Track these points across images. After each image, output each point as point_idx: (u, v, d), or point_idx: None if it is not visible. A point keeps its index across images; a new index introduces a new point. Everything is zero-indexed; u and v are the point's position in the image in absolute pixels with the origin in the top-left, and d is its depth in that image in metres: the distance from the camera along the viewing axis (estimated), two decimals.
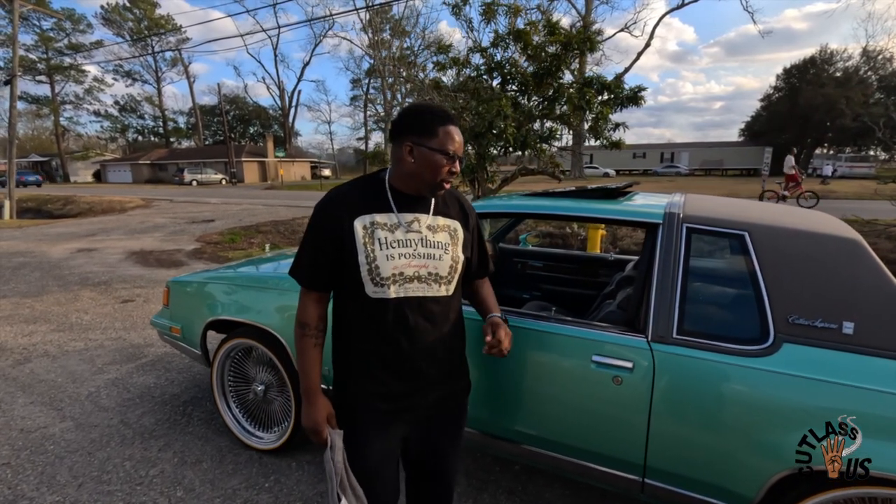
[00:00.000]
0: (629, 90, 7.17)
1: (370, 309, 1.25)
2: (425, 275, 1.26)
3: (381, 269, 1.22)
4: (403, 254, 1.24)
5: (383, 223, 1.25)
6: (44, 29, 44.33)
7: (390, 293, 1.23)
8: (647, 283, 1.60)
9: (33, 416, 2.86)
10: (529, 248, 3.45)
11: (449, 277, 1.29)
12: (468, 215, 1.41)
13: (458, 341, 1.41)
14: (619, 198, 2.01)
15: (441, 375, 1.34)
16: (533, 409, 1.75)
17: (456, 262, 1.31)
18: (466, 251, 1.37)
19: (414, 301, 1.25)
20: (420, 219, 1.28)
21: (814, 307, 1.39)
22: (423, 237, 1.27)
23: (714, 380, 1.45)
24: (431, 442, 1.41)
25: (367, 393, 1.30)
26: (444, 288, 1.29)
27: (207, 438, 2.62)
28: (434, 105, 1.33)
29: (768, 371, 1.39)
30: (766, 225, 1.53)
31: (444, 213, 1.34)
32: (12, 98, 16.62)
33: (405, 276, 1.24)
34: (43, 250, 8.55)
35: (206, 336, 2.59)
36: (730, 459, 1.43)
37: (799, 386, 1.35)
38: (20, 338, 4.18)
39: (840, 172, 32.64)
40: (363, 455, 1.30)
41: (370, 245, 1.23)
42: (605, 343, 1.59)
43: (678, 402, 1.49)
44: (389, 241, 1.24)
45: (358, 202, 1.26)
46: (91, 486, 2.23)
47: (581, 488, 2.21)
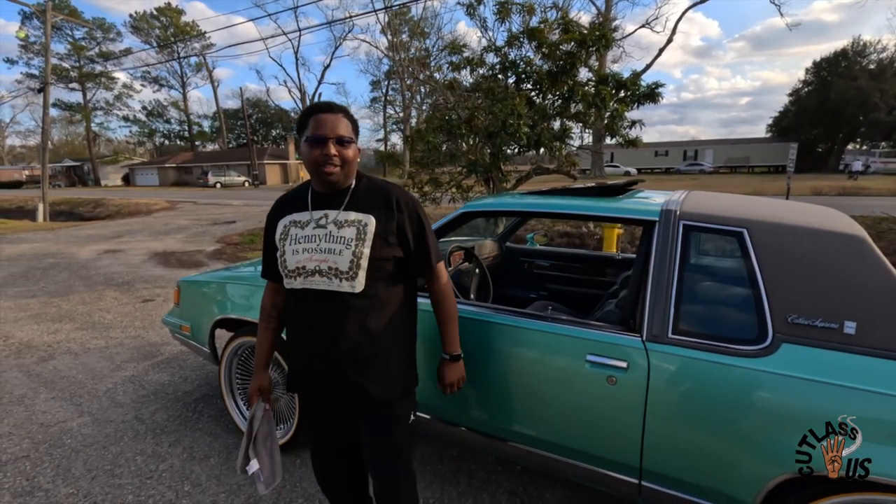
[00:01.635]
0: (646, 87, 7.05)
1: (288, 299, 1.43)
2: (325, 269, 1.29)
3: (287, 262, 1.34)
4: (307, 248, 1.32)
5: (298, 220, 1.37)
6: (76, 38, 46.00)
7: (296, 284, 1.34)
8: (642, 282, 1.57)
9: (53, 411, 2.96)
10: (537, 248, 3.42)
11: (350, 273, 1.27)
12: (394, 209, 1.34)
13: (379, 340, 1.33)
14: (620, 195, 1.97)
15: (351, 371, 1.31)
16: (528, 408, 1.73)
17: (358, 258, 1.27)
18: (384, 248, 1.30)
19: (315, 293, 1.32)
20: (329, 214, 1.34)
21: (814, 306, 1.34)
22: (329, 232, 1.31)
23: (710, 380, 1.41)
24: (364, 442, 1.42)
25: (293, 376, 1.45)
26: (346, 283, 1.28)
27: (216, 435, 2.68)
28: (318, 102, 1.36)
29: (766, 372, 1.34)
30: (765, 221, 1.48)
31: (357, 208, 1.33)
32: (45, 105, 17.29)
33: (307, 270, 1.31)
34: (72, 252, 8.86)
35: (215, 334, 2.65)
36: (727, 462, 1.39)
37: (798, 387, 1.31)
38: (46, 336, 4.34)
39: (874, 168, 31.43)
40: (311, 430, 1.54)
41: (283, 241, 1.36)
42: (600, 342, 1.57)
43: (674, 403, 1.46)
44: (299, 236, 1.34)
45: (288, 204, 1.42)
46: (103, 480, 2.30)
47: (582, 491, 2.18)
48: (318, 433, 1.51)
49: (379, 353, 1.34)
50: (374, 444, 1.40)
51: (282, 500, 2.15)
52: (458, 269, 2.41)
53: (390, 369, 1.36)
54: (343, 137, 1.28)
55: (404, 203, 1.36)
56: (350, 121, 1.33)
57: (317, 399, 1.43)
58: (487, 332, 1.76)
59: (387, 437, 1.38)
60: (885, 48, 36.61)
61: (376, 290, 1.31)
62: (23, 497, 2.19)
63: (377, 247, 1.30)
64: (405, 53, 39.59)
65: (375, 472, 1.43)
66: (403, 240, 1.35)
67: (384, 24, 38.90)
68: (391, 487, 1.41)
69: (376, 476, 1.44)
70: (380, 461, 1.41)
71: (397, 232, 1.34)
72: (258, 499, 2.15)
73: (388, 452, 1.39)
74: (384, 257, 1.31)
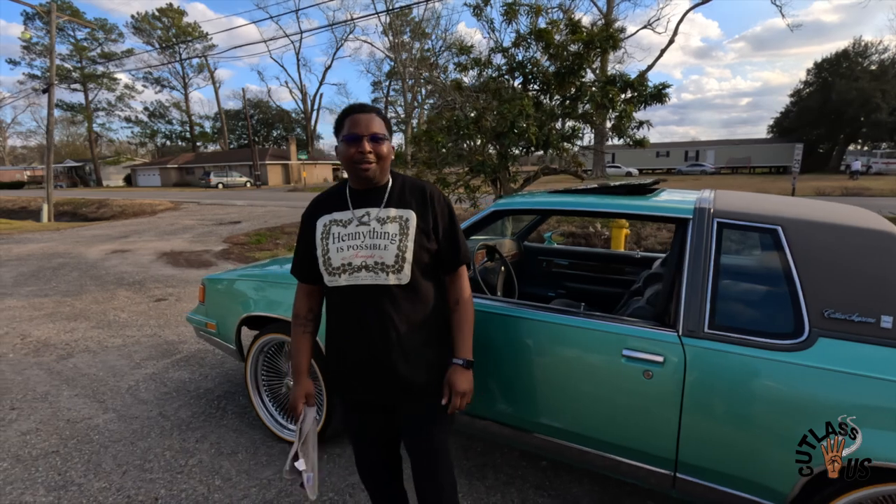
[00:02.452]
0: (653, 88, 7.09)
1: (330, 298, 1.43)
2: (371, 264, 1.34)
3: (332, 260, 1.37)
4: (352, 245, 1.36)
5: (339, 220, 1.40)
6: (78, 39, 46.09)
7: (341, 282, 1.36)
8: (677, 278, 1.60)
9: (78, 408, 3.00)
10: (555, 247, 3.45)
11: (396, 266, 1.34)
12: (429, 205, 1.41)
13: (422, 330, 1.39)
14: (647, 194, 2.01)
15: (398, 362, 1.37)
16: (562, 402, 1.76)
17: (403, 252, 1.34)
18: (424, 240, 1.37)
19: (363, 289, 1.35)
20: (370, 212, 1.39)
21: (850, 301, 1.37)
22: (372, 229, 1.36)
23: (747, 374, 1.44)
24: (407, 430, 1.48)
25: (337, 376, 1.48)
26: (393, 276, 1.34)
27: (241, 431, 2.71)
28: (353, 104, 1.41)
29: (803, 365, 1.38)
30: (799, 219, 1.52)
31: (397, 205, 1.39)
32: (50, 106, 17.34)
33: (353, 266, 1.35)
34: (80, 251, 8.89)
35: (241, 332, 2.68)
36: (764, 454, 1.43)
37: (835, 380, 1.34)
38: (62, 334, 4.37)
39: (875, 169, 31.47)
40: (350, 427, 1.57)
41: (325, 240, 1.39)
42: (635, 337, 1.60)
43: (710, 396, 1.49)
44: (342, 235, 1.38)
45: (325, 204, 1.45)
46: (134, 474, 2.34)
47: (608, 484, 2.22)
48: (362, 430, 1.52)
49: (424, 341, 1.40)
50: (418, 435, 1.45)
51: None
52: (484, 266, 2.44)
53: (434, 358, 1.43)
54: (377, 134, 1.34)
55: (437, 199, 1.44)
56: (383, 119, 1.38)
57: (363, 394, 1.45)
58: (523, 327, 1.79)
59: (431, 426, 1.44)
60: (887, 49, 36.86)
61: (419, 281, 1.38)
62: (57, 491, 2.22)
63: (419, 240, 1.37)
64: (407, 54, 39.66)
65: (420, 463, 1.47)
66: (437, 234, 1.41)
67: (385, 26, 39.00)
68: (438, 478, 1.46)
69: (420, 468, 1.47)
70: (424, 452, 1.45)
71: (433, 226, 1.41)
72: (290, 492, 2.19)
73: (432, 441, 1.45)
74: (425, 249, 1.38)
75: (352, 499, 2.14)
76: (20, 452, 2.53)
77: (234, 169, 41.08)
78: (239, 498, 2.16)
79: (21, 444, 2.60)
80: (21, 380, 3.42)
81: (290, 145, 44.79)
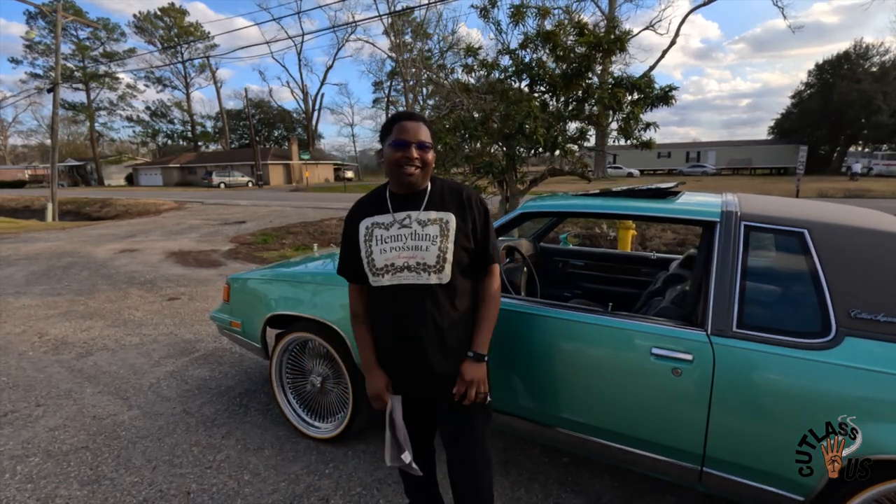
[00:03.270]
0: (660, 89, 7.14)
1: (374, 297, 1.49)
2: (413, 265, 1.41)
3: (375, 261, 1.44)
4: (395, 247, 1.42)
5: (381, 222, 1.46)
6: (80, 38, 46.14)
7: (384, 282, 1.43)
8: (705, 279, 1.66)
9: (102, 405, 3.05)
10: (570, 248, 3.50)
11: (438, 266, 1.41)
12: (467, 208, 1.48)
13: (461, 326, 1.47)
14: (670, 197, 2.06)
15: (438, 358, 1.45)
16: (589, 398, 1.81)
17: (444, 252, 1.41)
18: (464, 241, 1.45)
19: (406, 288, 1.42)
20: (411, 215, 1.45)
21: (876, 302, 1.42)
22: (414, 231, 1.43)
23: (775, 372, 1.50)
24: (447, 420, 1.55)
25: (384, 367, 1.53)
26: (434, 276, 1.41)
27: (265, 427, 2.76)
28: (400, 111, 1.48)
29: (830, 364, 1.43)
30: (825, 222, 1.57)
31: (437, 207, 1.46)
32: (54, 105, 17.40)
33: (396, 267, 1.42)
34: (88, 251, 8.94)
35: (266, 330, 2.73)
36: (791, 449, 1.48)
37: (862, 378, 1.39)
38: (79, 333, 4.42)
39: (876, 171, 31.55)
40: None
41: (369, 242, 1.45)
42: (665, 336, 1.65)
43: (739, 393, 1.54)
44: (384, 237, 1.44)
45: (367, 207, 1.52)
46: (164, 469, 2.39)
47: (629, 480, 2.27)
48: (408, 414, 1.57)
49: (463, 337, 1.48)
50: (456, 428, 1.52)
51: (340, 488, 2.23)
52: (507, 266, 2.49)
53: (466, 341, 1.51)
54: (424, 143, 1.41)
55: (475, 201, 1.51)
56: (429, 129, 1.45)
57: (403, 387, 1.52)
58: (551, 326, 1.84)
59: (469, 418, 1.52)
60: (888, 50, 37.04)
61: (457, 280, 1.45)
62: (90, 485, 2.27)
63: (458, 241, 1.44)
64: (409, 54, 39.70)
65: (458, 452, 1.54)
66: (475, 235, 1.48)
67: (387, 26, 39.05)
68: (477, 466, 1.53)
69: (458, 457, 1.54)
70: (457, 439, 1.53)
71: (472, 227, 1.47)
72: (318, 486, 2.24)
73: (472, 433, 1.52)
74: (464, 250, 1.45)
75: (379, 493, 2.20)
76: (50, 448, 2.58)
77: (236, 169, 41.14)
78: (269, 492, 2.21)
79: (50, 440, 2.66)
80: (43, 377, 3.47)
81: (291, 145, 44.85)
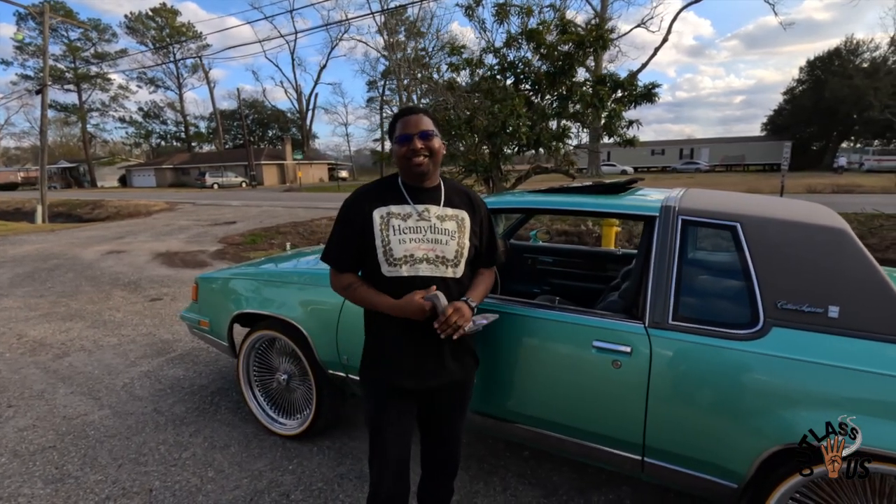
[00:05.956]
0: (643, 87, 7.18)
1: (386, 287, 1.44)
2: (433, 257, 1.44)
3: (393, 251, 1.42)
4: (414, 238, 1.43)
5: (397, 213, 1.46)
6: (71, 39, 45.86)
7: (402, 272, 1.42)
8: (644, 273, 1.69)
9: (74, 405, 3.06)
10: (539, 244, 3.54)
11: (455, 261, 1.46)
12: (475, 207, 1.56)
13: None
14: (622, 193, 2.09)
15: (447, 350, 1.49)
16: (538, 392, 1.85)
17: (462, 248, 1.47)
18: (474, 239, 1.52)
19: (423, 280, 1.43)
20: (430, 209, 1.48)
21: (801, 293, 1.46)
22: (433, 225, 1.46)
23: (708, 362, 1.53)
24: (441, 409, 1.59)
25: (387, 368, 1.50)
26: (450, 270, 1.45)
27: (234, 425, 2.79)
28: (403, 107, 1.52)
29: (758, 353, 1.47)
30: (756, 216, 1.61)
31: (452, 204, 1.51)
32: (43, 107, 17.31)
33: (415, 258, 1.42)
34: (75, 253, 8.93)
35: (233, 329, 2.76)
36: (723, 437, 1.52)
37: (787, 367, 1.43)
38: (58, 334, 4.43)
39: (867, 166, 31.74)
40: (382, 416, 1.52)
41: (385, 231, 1.43)
42: (605, 329, 1.69)
43: (674, 384, 1.58)
44: (402, 227, 1.44)
45: (376, 197, 1.49)
46: (130, 467, 2.41)
47: (587, 473, 2.30)
48: (398, 418, 1.52)
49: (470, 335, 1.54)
50: (450, 410, 1.60)
51: (302, 484, 2.26)
52: None
53: (472, 349, 1.60)
54: (426, 131, 1.44)
55: (477, 202, 1.59)
56: (431, 118, 1.48)
57: (406, 380, 1.48)
58: (501, 322, 1.87)
59: (464, 400, 1.62)
60: (878, 46, 37.04)
61: (466, 276, 1.51)
62: (54, 484, 2.29)
63: (471, 238, 1.50)
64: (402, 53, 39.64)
65: (443, 435, 1.62)
66: (481, 234, 1.56)
67: (380, 25, 39.00)
68: (457, 446, 1.66)
69: (442, 439, 1.63)
70: (450, 423, 1.61)
71: (480, 228, 1.56)
72: (279, 482, 2.27)
73: (462, 413, 1.64)
74: (475, 248, 1.52)
75: (339, 488, 2.23)
76: (17, 448, 2.60)
77: (230, 169, 41.03)
78: (231, 488, 2.24)
79: (18, 440, 2.67)
80: (18, 378, 3.48)
81: (285, 145, 44.74)
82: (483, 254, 1.59)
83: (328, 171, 48.42)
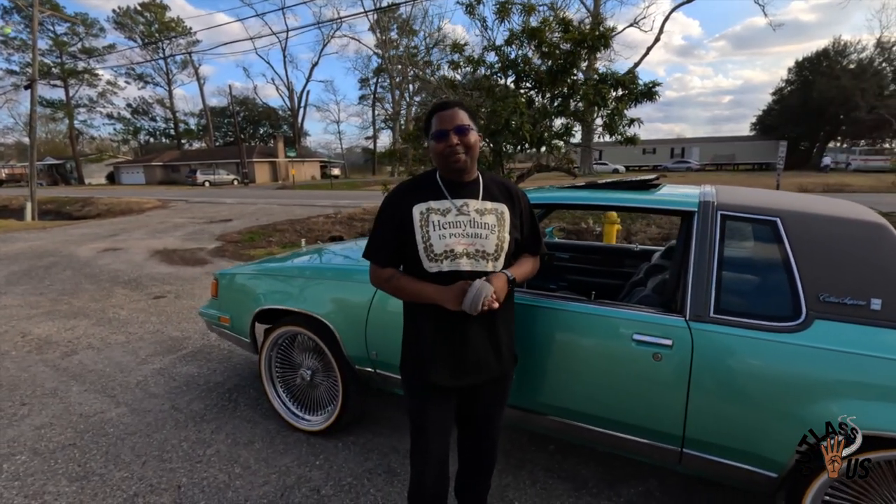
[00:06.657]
0: (644, 85, 7.24)
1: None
2: (473, 252, 1.43)
3: (434, 246, 1.42)
4: (454, 233, 1.43)
5: (437, 208, 1.45)
6: (58, 34, 45.09)
7: (444, 267, 1.42)
8: (683, 267, 1.72)
9: (89, 403, 3.03)
10: (556, 241, 3.56)
11: (495, 255, 1.45)
12: (515, 200, 1.55)
13: (505, 315, 1.53)
14: (651, 189, 2.12)
15: (490, 345, 1.49)
16: (574, 384, 1.86)
17: (502, 242, 1.46)
18: (515, 232, 1.51)
19: (464, 275, 1.42)
20: (469, 203, 1.47)
21: (843, 286, 1.49)
22: (472, 219, 1.45)
23: (750, 354, 1.56)
24: (480, 405, 1.60)
25: (428, 366, 1.49)
26: (491, 264, 1.45)
27: (255, 422, 2.78)
28: (437, 102, 1.50)
29: (801, 345, 1.49)
30: (797, 211, 1.64)
31: (491, 198, 1.51)
32: (32, 103, 17.02)
33: (455, 253, 1.42)
34: (70, 250, 8.80)
35: (255, 325, 2.74)
36: (766, 427, 1.54)
37: (830, 358, 1.46)
38: (63, 332, 4.37)
39: (854, 166, 32.28)
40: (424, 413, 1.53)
41: (425, 227, 1.43)
42: (645, 322, 1.71)
43: (716, 376, 1.60)
44: (442, 223, 1.43)
45: (416, 192, 1.49)
46: (154, 464, 2.39)
47: (614, 466, 2.33)
48: (439, 416, 1.53)
49: (507, 328, 1.56)
50: (490, 405, 1.60)
51: (331, 479, 2.26)
52: None
53: (511, 345, 1.60)
54: (461, 126, 1.42)
55: (521, 195, 1.58)
56: (466, 111, 1.46)
57: (449, 378, 1.48)
58: (537, 316, 1.89)
59: (505, 394, 1.63)
60: (865, 48, 37.64)
61: (505, 269, 1.50)
62: (79, 481, 2.27)
63: (511, 231, 1.50)
64: (395, 51, 39.52)
65: (484, 429, 1.63)
66: (522, 225, 1.55)
67: (372, 23, 38.86)
68: (495, 439, 1.67)
69: (483, 433, 1.64)
70: (490, 418, 1.62)
71: (520, 220, 1.54)
72: (309, 478, 2.26)
73: (502, 408, 1.64)
74: (515, 241, 1.51)
75: (370, 482, 2.23)
76: (37, 446, 2.57)
77: (221, 167, 40.64)
78: (260, 484, 2.23)
79: (37, 438, 2.64)
80: (28, 376, 3.43)
81: (277, 143, 44.40)
82: (525, 245, 1.59)
83: (320, 169, 48.12)
